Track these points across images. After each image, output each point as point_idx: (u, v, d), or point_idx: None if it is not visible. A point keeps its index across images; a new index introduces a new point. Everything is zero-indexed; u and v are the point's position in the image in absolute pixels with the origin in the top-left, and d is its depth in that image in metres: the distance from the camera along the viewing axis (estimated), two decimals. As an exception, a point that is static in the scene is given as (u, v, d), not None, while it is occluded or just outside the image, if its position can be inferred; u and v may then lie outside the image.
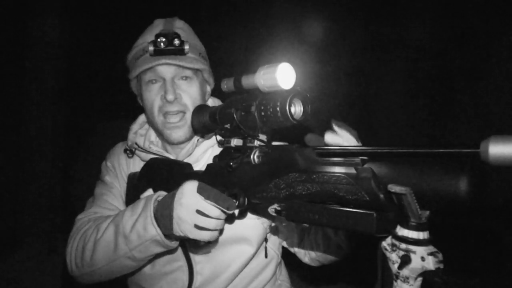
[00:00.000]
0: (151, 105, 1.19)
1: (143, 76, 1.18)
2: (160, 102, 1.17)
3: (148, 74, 1.17)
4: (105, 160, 1.36)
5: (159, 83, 1.18)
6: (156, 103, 1.18)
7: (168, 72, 1.16)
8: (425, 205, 0.56)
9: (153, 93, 1.18)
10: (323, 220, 0.68)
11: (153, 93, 1.18)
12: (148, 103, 1.19)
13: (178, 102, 1.17)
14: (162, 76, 1.17)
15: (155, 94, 1.18)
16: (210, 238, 0.91)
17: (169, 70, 1.16)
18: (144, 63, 1.15)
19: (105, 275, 1.12)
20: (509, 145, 0.48)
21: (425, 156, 0.59)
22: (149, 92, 1.18)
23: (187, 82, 1.19)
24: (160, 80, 1.18)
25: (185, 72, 1.18)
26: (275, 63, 0.77)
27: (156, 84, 1.18)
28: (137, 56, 1.20)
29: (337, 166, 0.68)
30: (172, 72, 1.17)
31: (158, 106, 1.18)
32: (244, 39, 3.84)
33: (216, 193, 0.87)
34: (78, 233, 1.16)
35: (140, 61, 1.17)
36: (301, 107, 0.78)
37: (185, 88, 1.18)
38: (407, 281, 0.57)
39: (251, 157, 0.85)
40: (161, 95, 1.17)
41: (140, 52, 1.19)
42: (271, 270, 1.27)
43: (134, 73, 1.19)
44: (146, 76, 1.18)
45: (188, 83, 1.19)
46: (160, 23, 1.23)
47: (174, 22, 1.23)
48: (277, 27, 3.68)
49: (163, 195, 1.01)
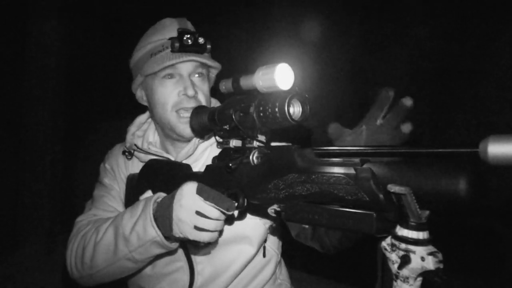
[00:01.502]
0: (164, 101, 1.18)
1: (160, 72, 1.17)
2: (177, 98, 1.17)
3: (166, 70, 1.17)
4: (103, 162, 1.36)
5: (174, 79, 1.18)
6: (172, 99, 1.17)
7: (187, 69, 1.17)
8: (425, 205, 0.56)
9: (169, 89, 1.17)
10: (322, 221, 0.68)
11: (169, 89, 1.17)
12: (162, 98, 1.18)
13: (195, 98, 1.18)
14: (180, 73, 1.17)
15: (171, 90, 1.17)
16: (210, 239, 0.91)
17: (188, 67, 1.17)
18: (166, 58, 1.15)
19: (105, 277, 1.12)
20: (508, 144, 0.48)
21: (424, 156, 0.59)
22: (165, 88, 1.18)
23: (202, 79, 1.21)
24: (176, 76, 1.18)
25: (200, 70, 1.20)
26: (273, 63, 0.76)
27: (172, 80, 1.18)
28: (154, 52, 1.19)
29: (336, 166, 0.68)
30: (190, 69, 1.18)
31: (173, 102, 1.17)
32: (243, 40, 3.84)
33: (215, 194, 0.87)
34: (77, 236, 1.16)
35: (159, 57, 1.17)
36: (300, 107, 0.78)
37: (200, 85, 1.20)
38: (407, 281, 0.57)
39: (250, 158, 0.85)
40: (178, 90, 1.17)
41: (159, 48, 1.18)
42: (271, 269, 1.27)
43: (151, 69, 1.17)
44: (163, 72, 1.17)
45: (202, 80, 1.21)
46: (173, 22, 1.22)
47: (186, 22, 1.24)
48: (276, 28, 3.68)
49: (163, 196, 1.00)
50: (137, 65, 1.24)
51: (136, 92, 1.29)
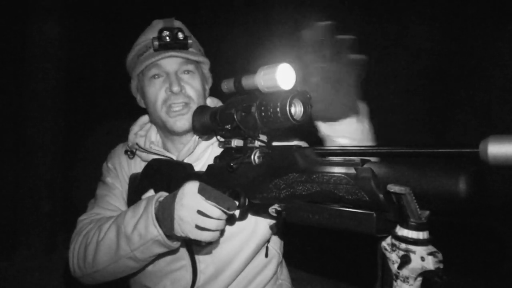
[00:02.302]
0: (154, 99, 1.20)
1: (147, 72, 1.20)
2: (165, 94, 1.19)
3: (151, 70, 1.19)
4: (106, 161, 1.36)
5: (162, 77, 1.20)
6: (160, 97, 1.19)
7: (172, 66, 1.19)
8: (425, 205, 0.56)
9: (157, 87, 1.20)
10: (323, 220, 0.68)
11: (157, 87, 1.20)
12: (152, 97, 1.20)
13: (183, 93, 1.19)
14: (165, 71, 1.19)
15: (159, 88, 1.20)
16: (211, 239, 0.91)
17: (173, 64, 1.19)
18: (149, 58, 1.18)
19: (107, 276, 1.12)
20: (508, 145, 0.48)
21: (424, 156, 0.59)
22: (153, 87, 1.20)
23: (190, 75, 1.23)
24: (163, 75, 1.20)
25: (187, 67, 1.22)
26: (275, 63, 0.77)
27: (160, 79, 1.20)
28: (139, 53, 1.22)
29: (337, 166, 0.68)
30: (175, 66, 1.20)
31: (162, 99, 1.19)
32: (244, 39, 3.84)
33: (217, 194, 0.87)
34: (80, 235, 1.16)
35: (144, 58, 1.20)
36: (301, 107, 0.78)
37: (189, 81, 1.21)
38: (407, 281, 0.57)
39: (252, 158, 0.86)
40: (165, 87, 1.19)
41: (143, 49, 1.22)
42: (272, 269, 1.27)
43: (137, 70, 1.21)
44: (149, 72, 1.20)
45: (191, 76, 1.23)
46: (159, 22, 1.26)
47: (173, 21, 1.27)
48: (277, 28, 3.69)
49: (165, 195, 1.01)
50: (130, 67, 1.28)
51: (136, 95, 1.33)
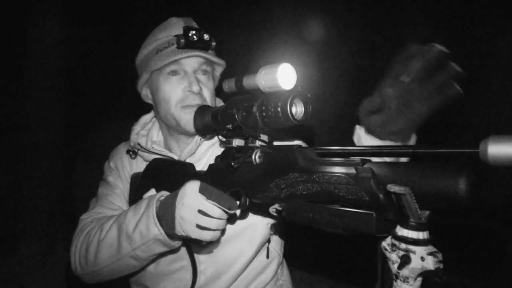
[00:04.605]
0: (168, 97, 1.18)
1: (165, 68, 1.18)
2: (182, 94, 1.18)
3: (171, 66, 1.17)
4: (108, 160, 1.36)
5: (179, 75, 1.18)
6: (176, 95, 1.18)
7: (192, 66, 1.18)
8: (425, 205, 0.57)
9: (174, 85, 1.18)
10: (323, 220, 0.68)
11: (174, 85, 1.18)
12: (166, 94, 1.19)
13: (200, 95, 1.18)
14: (184, 69, 1.18)
15: (176, 86, 1.18)
16: (212, 238, 0.92)
17: (194, 64, 1.18)
18: (171, 55, 1.16)
19: (108, 274, 1.12)
20: (508, 145, 0.48)
21: (424, 156, 0.60)
22: (170, 84, 1.18)
23: (206, 76, 1.22)
24: (180, 73, 1.18)
25: (206, 67, 1.21)
26: (276, 63, 0.77)
27: (177, 76, 1.19)
28: (160, 49, 1.20)
29: (337, 166, 0.69)
30: (196, 66, 1.19)
31: (178, 98, 1.18)
32: (245, 39, 3.84)
33: (218, 193, 0.87)
34: (82, 233, 1.17)
35: (165, 54, 1.17)
36: (302, 107, 0.78)
37: (205, 82, 1.21)
38: (407, 281, 0.57)
39: (253, 157, 0.86)
40: (184, 86, 1.17)
41: (164, 44, 1.19)
42: (273, 270, 1.27)
43: (155, 65, 1.18)
44: (168, 68, 1.18)
45: (207, 77, 1.22)
46: (179, 20, 1.23)
47: (192, 21, 1.25)
48: (278, 28, 3.69)
49: (166, 195, 1.01)
50: (143, 62, 1.25)
51: (142, 90, 1.30)
